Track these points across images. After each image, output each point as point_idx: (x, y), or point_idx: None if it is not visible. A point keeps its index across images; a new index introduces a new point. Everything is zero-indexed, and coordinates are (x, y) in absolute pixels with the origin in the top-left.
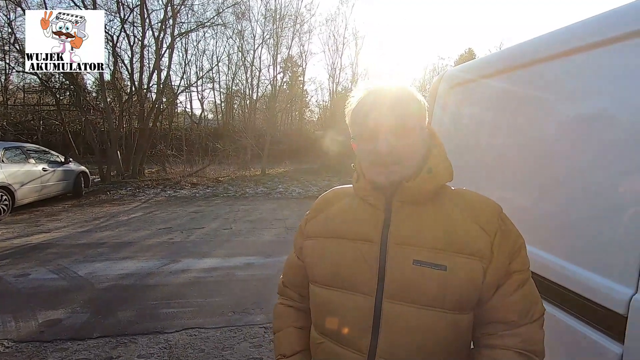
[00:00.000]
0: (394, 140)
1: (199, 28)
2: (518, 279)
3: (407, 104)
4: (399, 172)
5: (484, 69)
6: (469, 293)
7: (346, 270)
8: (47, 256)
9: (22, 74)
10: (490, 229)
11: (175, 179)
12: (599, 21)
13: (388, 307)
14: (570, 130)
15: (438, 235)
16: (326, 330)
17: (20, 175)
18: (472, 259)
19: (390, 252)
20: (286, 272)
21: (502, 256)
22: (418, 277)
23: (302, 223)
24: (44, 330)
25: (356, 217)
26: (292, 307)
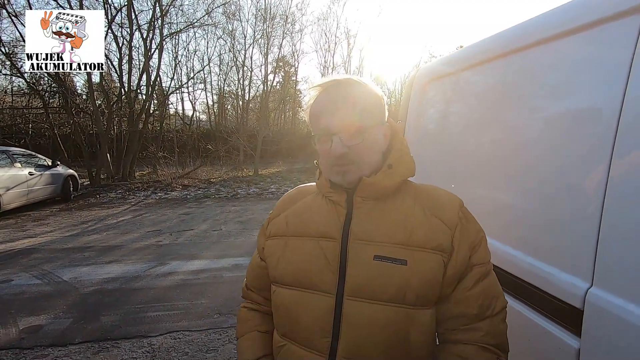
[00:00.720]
0: (347, 140)
1: (189, 28)
2: (478, 272)
3: (361, 100)
4: (355, 172)
5: (461, 61)
6: (430, 288)
7: (307, 269)
8: (32, 261)
9: (9, 77)
10: (451, 223)
11: (167, 180)
12: (582, 3)
13: (349, 305)
14: (559, 123)
15: (399, 230)
16: (287, 332)
17: (5, 179)
18: (433, 253)
19: (351, 248)
20: (249, 275)
21: (462, 250)
22: (379, 273)
23: (265, 223)
24: (24, 337)
25: (318, 214)
26: (256, 311)
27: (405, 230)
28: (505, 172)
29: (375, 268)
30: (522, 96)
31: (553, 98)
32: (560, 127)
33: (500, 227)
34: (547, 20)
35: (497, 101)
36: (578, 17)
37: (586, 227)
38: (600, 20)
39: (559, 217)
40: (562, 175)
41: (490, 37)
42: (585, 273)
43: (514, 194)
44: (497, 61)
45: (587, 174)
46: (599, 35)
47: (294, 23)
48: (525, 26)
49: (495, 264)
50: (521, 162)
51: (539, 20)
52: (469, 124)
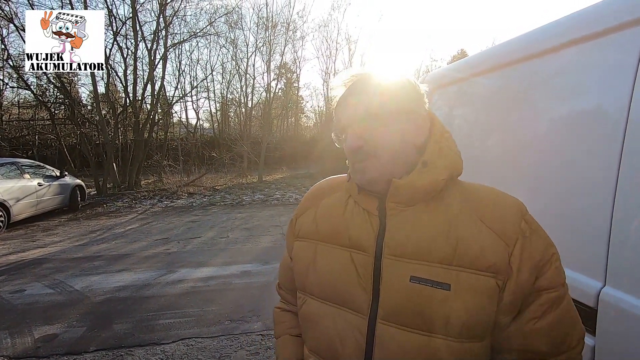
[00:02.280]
0: (360, 130)
1: (192, 38)
2: (549, 299)
3: (380, 86)
4: (376, 168)
5: (467, 69)
6: (479, 318)
7: (337, 283)
8: (43, 271)
9: (16, 89)
10: (509, 237)
11: (172, 189)
12: (588, 14)
13: (383, 329)
14: (564, 128)
15: (441, 244)
16: (314, 347)
17: (15, 190)
18: (484, 275)
19: (386, 266)
20: (280, 274)
21: (525, 270)
22: (416, 297)
23: (292, 219)
24: (40, 346)
25: (350, 219)
26: (289, 312)
27: (449, 244)
28: (515, 175)
29: (412, 291)
30: (531, 102)
31: (561, 103)
32: (569, 131)
33: None
34: (552, 30)
35: (505, 107)
36: (584, 27)
37: (597, 228)
38: (606, 30)
39: (570, 218)
40: (572, 178)
41: (496, 46)
42: (597, 273)
43: (524, 197)
44: (505, 69)
45: (596, 175)
46: (606, 44)
47: (295, 30)
48: (532, 35)
49: None
50: (531, 165)
51: (545, 30)
52: (477, 129)
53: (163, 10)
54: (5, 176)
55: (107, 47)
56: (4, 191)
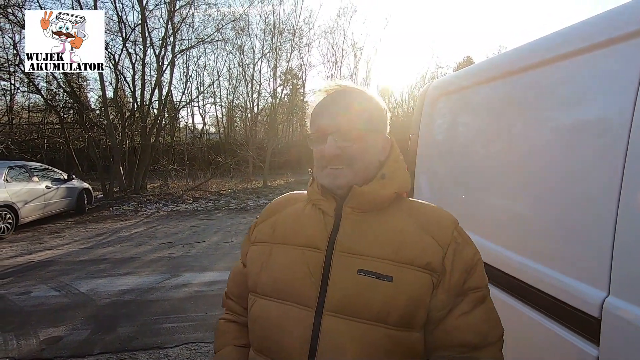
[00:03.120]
0: (342, 142)
1: (200, 44)
2: (475, 298)
3: (362, 105)
4: (347, 176)
5: (471, 77)
6: (416, 309)
7: (288, 279)
8: (49, 273)
9: (26, 93)
10: (443, 242)
11: (178, 193)
12: (592, 24)
13: (328, 321)
14: (568, 137)
15: (387, 245)
16: (262, 348)
17: (23, 193)
18: (422, 272)
19: (335, 261)
20: (230, 282)
21: (456, 272)
22: (362, 288)
23: (250, 227)
24: (44, 348)
25: (306, 223)
26: (235, 322)
27: (394, 245)
28: (519, 184)
29: (358, 283)
30: (535, 110)
31: (565, 112)
32: (572, 140)
33: (514, 237)
34: (557, 39)
35: (510, 115)
36: (588, 36)
37: (601, 237)
38: (611, 40)
39: (574, 227)
40: (575, 186)
41: (501, 55)
42: (601, 282)
43: (527, 205)
44: (509, 77)
45: (600, 184)
46: (610, 53)
47: (301, 37)
48: (536, 44)
49: (511, 274)
50: (534, 174)
51: (549, 39)
52: (481, 136)
53: (171, 17)
54: (14, 179)
55: (116, 53)
56: (12, 194)
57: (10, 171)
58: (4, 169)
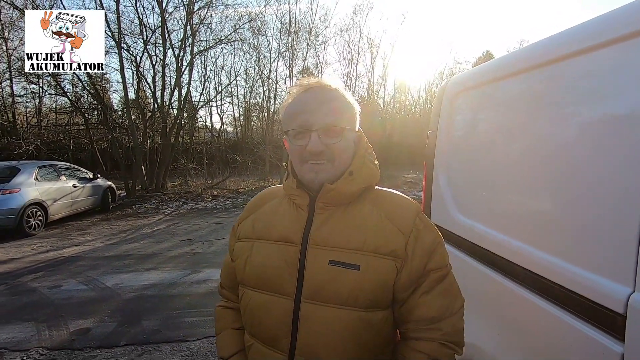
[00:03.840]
0: (326, 138)
1: (217, 45)
2: (436, 277)
3: (341, 103)
4: (329, 171)
5: (492, 72)
6: (381, 292)
7: (270, 273)
8: (78, 268)
9: (54, 96)
10: (405, 230)
11: (197, 191)
12: (620, 15)
13: (306, 307)
14: (591, 132)
15: (354, 236)
16: (253, 332)
17: (52, 192)
18: (386, 259)
19: (309, 253)
20: (222, 274)
21: (417, 257)
22: (333, 277)
23: (235, 224)
24: (75, 339)
25: (282, 218)
26: (230, 309)
27: (361, 236)
28: (543, 181)
29: (330, 272)
30: (558, 106)
31: (590, 107)
32: (598, 136)
33: (536, 233)
34: (581, 32)
35: (531, 111)
36: (615, 28)
37: (626, 232)
38: (632, 34)
39: (597, 223)
40: (601, 182)
41: (522, 49)
42: (626, 278)
43: (551, 201)
44: (530, 72)
45: (624, 179)
46: (634, 47)
47: (317, 35)
48: (558, 37)
49: (533, 270)
50: (559, 169)
51: (573, 32)
52: (502, 133)
53: (190, 18)
54: (44, 178)
55: (137, 55)
56: (42, 192)
57: (40, 170)
58: (35, 169)
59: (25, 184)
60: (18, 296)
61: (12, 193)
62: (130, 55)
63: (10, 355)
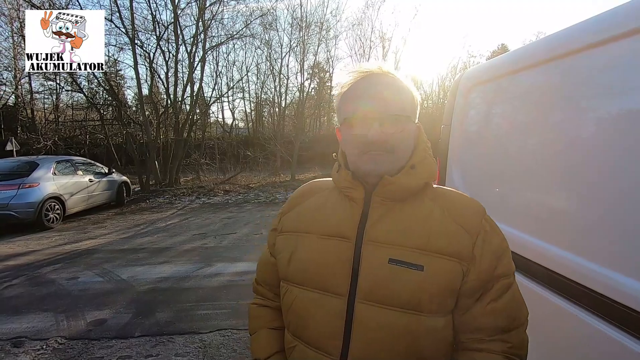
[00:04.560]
0: (388, 126)
1: (229, 40)
2: (505, 284)
3: (403, 93)
4: (389, 162)
5: (506, 65)
6: (447, 296)
7: (318, 269)
8: (94, 261)
9: (70, 92)
10: (472, 231)
11: (209, 186)
12: (636, 6)
13: (361, 308)
14: (609, 127)
15: (416, 234)
16: (298, 332)
17: (70, 186)
18: (452, 260)
19: (365, 250)
20: (259, 270)
21: (486, 260)
22: (393, 277)
23: (275, 219)
24: (91, 329)
25: (332, 211)
26: (267, 307)
27: (423, 234)
28: (559, 176)
29: (390, 272)
30: (575, 99)
31: (609, 101)
32: (617, 130)
33: (553, 230)
34: (600, 22)
35: (547, 105)
36: (635, 18)
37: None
38: None
39: (620, 220)
40: (622, 179)
41: (537, 41)
42: None
43: (568, 197)
44: (546, 65)
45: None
46: None
47: (328, 30)
48: (576, 29)
49: (551, 268)
50: (576, 165)
51: (591, 22)
52: (517, 128)
53: (202, 14)
54: (61, 172)
55: (151, 51)
56: (60, 186)
57: (58, 165)
58: (53, 163)
59: (44, 179)
60: (37, 287)
61: (31, 187)
62: (143, 51)
63: (30, 344)
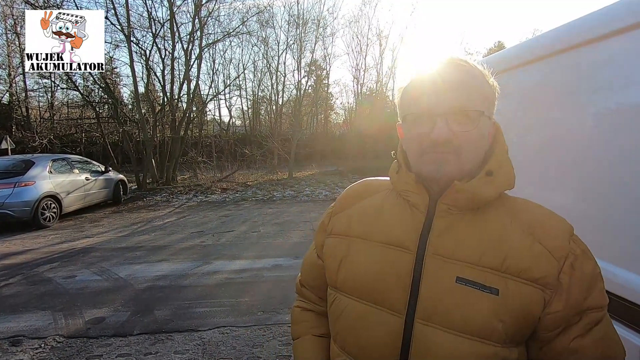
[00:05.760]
0: (454, 124)
1: (225, 38)
2: (593, 318)
3: (475, 82)
4: (454, 164)
5: (504, 61)
6: (523, 326)
7: (372, 280)
8: (91, 259)
9: (65, 90)
10: (559, 254)
11: (206, 184)
12: (636, 1)
13: (421, 330)
14: (611, 122)
15: (490, 251)
16: (347, 346)
17: (66, 184)
18: (532, 286)
19: (428, 264)
20: (304, 271)
21: (575, 289)
22: (461, 298)
23: (324, 218)
24: (90, 327)
25: (390, 217)
26: (311, 311)
27: (499, 253)
28: (557, 173)
29: (457, 292)
30: (575, 95)
31: (609, 96)
32: (615, 124)
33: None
34: (600, 17)
35: (547, 101)
36: (634, 13)
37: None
38: None
39: (621, 217)
40: (623, 175)
41: (536, 37)
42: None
43: (567, 195)
44: (545, 60)
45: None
46: None
47: (325, 27)
48: (576, 23)
49: None
50: (576, 163)
51: (591, 17)
52: (515, 125)
53: (198, 11)
54: (57, 171)
55: (147, 49)
56: (56, 185)
57: (54, 164)
58: (49, 162)
59: (40, 177)
60: (35, 286)
61: (27, 186)
62: (139, 48)
63: (28, 343)
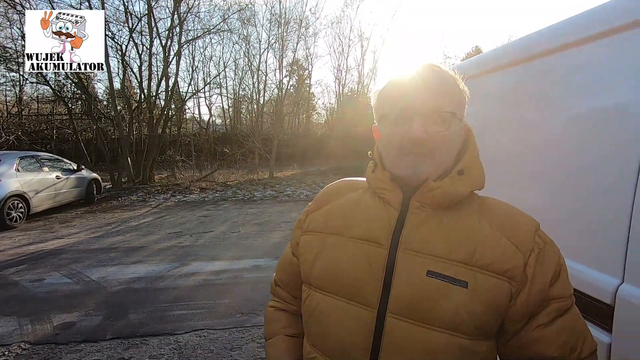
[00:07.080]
0: (431, 124)
1: (205, 35)
2: (556, 307)
3: (449, 88)
4: (430, 164)
5: (481, 66)
6: (492, 318)
7: (345, 275)
8: (61, 261)
9: (35, 84)
10: (525, 247)
11: (185, 184)
12: (612, 7)
13: (392, 324)
14: (583, 126)
15: (460, 246)
16: (318, 343)
17: (34, 183)
18: (500, 278)
19: (400, 259)
20: (279, 270)
21: (538, 280)
22: (432, 291)
23: (301, 216)
24: (58, 333)
25: (365, 213)
26: (284, 311)
27: (468, 247)
28: (532, 174)
29: (428, 285)
30: (548, 99)
31: (581, 101)
32: (589, 130)
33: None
34: (573, 24)
35: (521, 105)
36: (607, 20)
37: (616, 225)
38: (633, 23)
39: (588, 216)
40: (590, 176)
41: (512, 42)
42: (615, 270)
43: (540, 195)
44: (520, 65)
45: (617, 173)
46: (631, 38)
47: (307, 27)
48: (550, 30)
49: None
50: (548, 163)
51: (565, 24)
52: (490, 128)
53: (177, 7)
54: (25, 169)
55: (123, 44)
56: (24, 183)
57: (22, 161)
58: (15, 159)
59: (6, 175)
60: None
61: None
62: (115, 43)
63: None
